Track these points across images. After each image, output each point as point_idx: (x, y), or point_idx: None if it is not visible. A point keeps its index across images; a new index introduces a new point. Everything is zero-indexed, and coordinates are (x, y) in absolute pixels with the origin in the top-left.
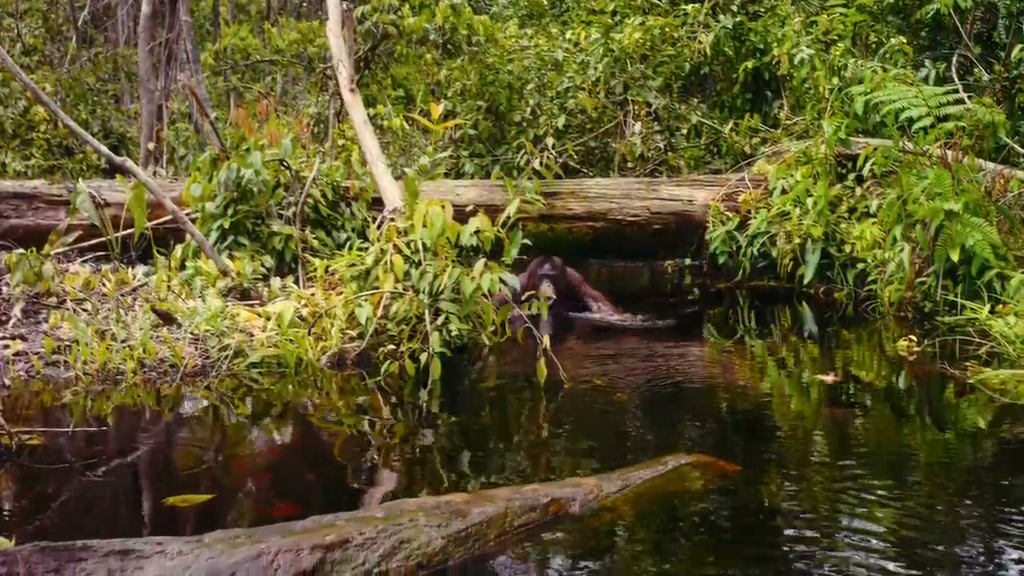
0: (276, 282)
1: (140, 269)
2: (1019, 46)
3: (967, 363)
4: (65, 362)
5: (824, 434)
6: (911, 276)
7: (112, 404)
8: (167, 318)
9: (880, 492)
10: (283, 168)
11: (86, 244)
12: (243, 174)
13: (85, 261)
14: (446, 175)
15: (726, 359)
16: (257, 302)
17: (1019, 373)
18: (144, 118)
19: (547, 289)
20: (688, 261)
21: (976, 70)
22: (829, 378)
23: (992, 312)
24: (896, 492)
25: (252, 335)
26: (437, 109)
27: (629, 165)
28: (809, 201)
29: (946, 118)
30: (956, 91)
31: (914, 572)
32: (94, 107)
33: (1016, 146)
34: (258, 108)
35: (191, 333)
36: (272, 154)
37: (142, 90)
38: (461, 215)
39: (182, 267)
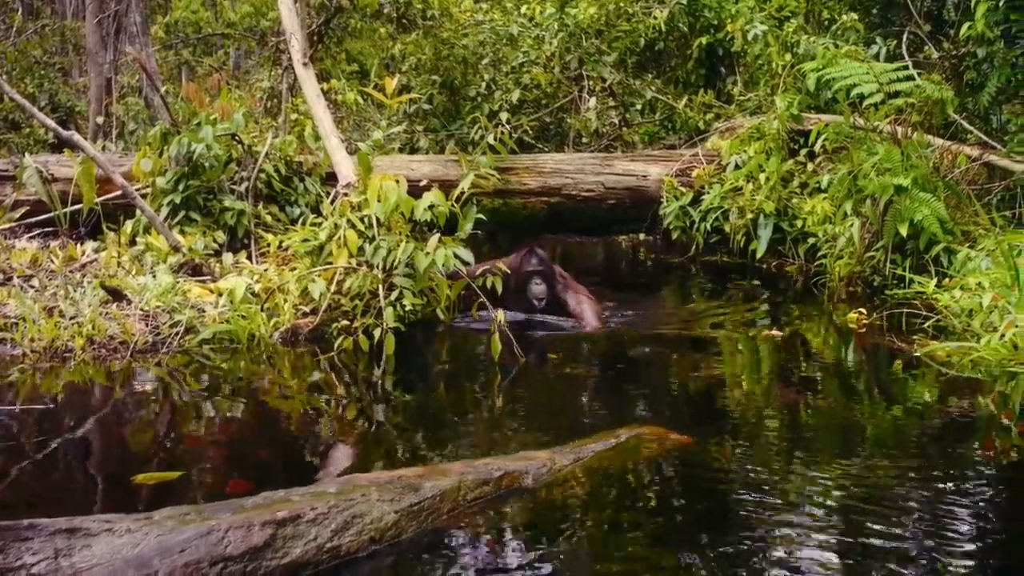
0: (228, 258)
1: (89, 245)
2: (967, 24)
3: (914, 336)
4: (12, 339)
5: (775, 406)
6: (861, 250)
7: (61, 382)
8: (117, 294)
9: (829, 462)
10: (235, 143)
11: (33, 220)
12: (194, 149)
13: (32, 237)
14: (400, 150)
15: (681, 334)
16: (209, 278)
17: (964, 346)
18: (93, 92)
19: (537, 289)
20: (642, 236)
21: (926, 47)
22: (775, 333)
23: (939, 286)
24: (845, 462)
25: (204, 311)
26: (391, 83)
27: (584, 140)
28: (762, 176)
29: (896, 94)
30: (906, 68)
31: (863, 541)
32: (41, 80)
33: (963, 122)
34: (210, 82)
35: (141, 309)
36: (224, 128)
37: (90, 63)
38: (415, 190)
39: (132, 243)
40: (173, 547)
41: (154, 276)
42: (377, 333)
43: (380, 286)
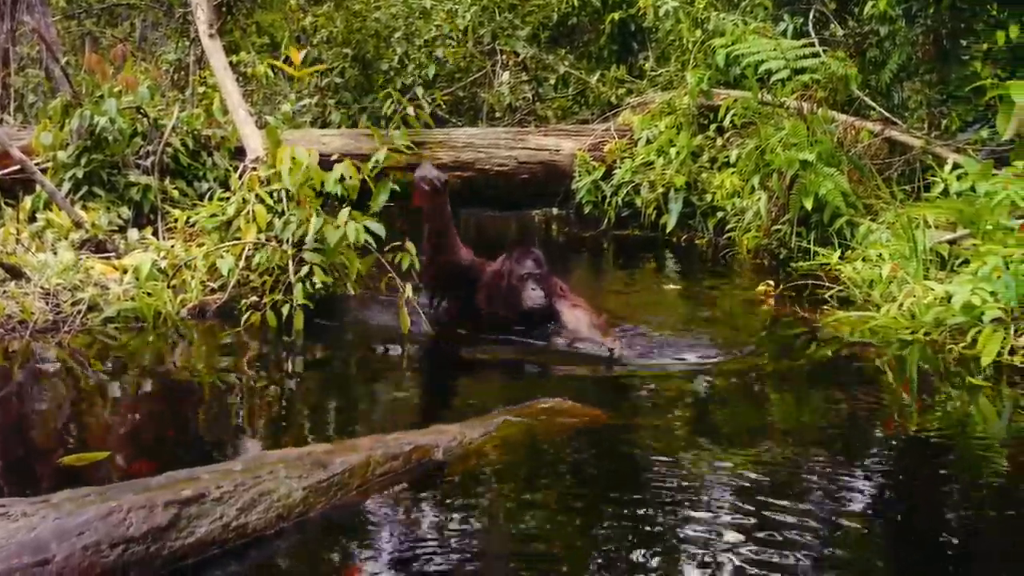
0: (133, 234)
1: None
2: (871, 2)
3: (819, 307)
4: None
5: (685, 380)
6: (767, 224)
7: None
8: (15, 272)
9: (735, 434)
10: (141, 116)
11: None
12: (97, 122)
13: None
14: (312, 124)
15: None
16: (113, 255)
17: (865, 315)
18: None
19: (534, 295)
20: (555, 211)
21: (831, 25)
22: (671, 286)
23: (842, 258)
24: (753, 433)
25: (108, 289)
26: (298, 55)
27: (498, 115)
28: (672, 151)
29: (802, 71)
30: (812, 45)
31: (773, 514)
32: None
33: (866, 99)
34: (114, 54)
35: (41, 287)
36: (129, 101)
37: None
38: (327, 165)
39: (32, 219)
40: (71, 530)
41: (55, 253)
42: (286, 309)
43: (290, 261)
